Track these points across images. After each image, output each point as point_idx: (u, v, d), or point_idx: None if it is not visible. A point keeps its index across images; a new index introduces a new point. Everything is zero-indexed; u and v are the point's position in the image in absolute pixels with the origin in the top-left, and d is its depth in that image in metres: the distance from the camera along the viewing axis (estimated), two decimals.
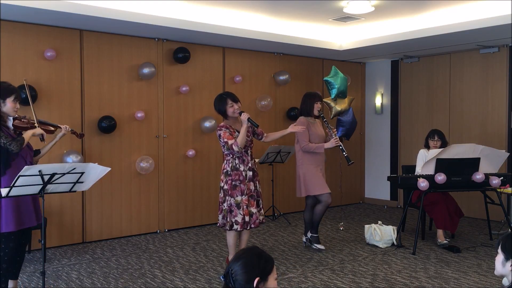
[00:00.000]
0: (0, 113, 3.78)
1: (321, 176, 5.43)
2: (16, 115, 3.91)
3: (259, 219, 4.67)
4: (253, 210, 4.60)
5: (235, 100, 4.61)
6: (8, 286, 3.96)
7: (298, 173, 5.47)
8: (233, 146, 4.47)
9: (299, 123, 5.40)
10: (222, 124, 4.65)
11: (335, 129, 5.43)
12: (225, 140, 4.50)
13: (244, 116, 4.49)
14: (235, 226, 4.55)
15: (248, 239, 4.82)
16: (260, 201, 4.72)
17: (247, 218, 4.55)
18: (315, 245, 5.55)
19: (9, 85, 3.85)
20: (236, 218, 4.55)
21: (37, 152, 4.11)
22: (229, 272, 2.09)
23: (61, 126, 4.13)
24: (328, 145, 5.32)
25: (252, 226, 4.60)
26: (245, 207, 4.54)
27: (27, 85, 4.28)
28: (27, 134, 3.83)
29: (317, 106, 5.44)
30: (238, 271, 2.07)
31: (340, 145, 5.31)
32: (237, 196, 4.54)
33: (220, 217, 4.64)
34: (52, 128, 4.12)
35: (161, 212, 6.48)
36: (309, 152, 5.38)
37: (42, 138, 3.95)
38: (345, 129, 7.16)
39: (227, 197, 4.58)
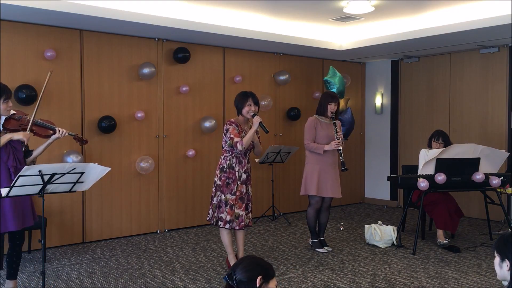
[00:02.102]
0: None
1: (328, 177, 5.35)
2: (13, 114, 3.80)
3: (245, 222, 4.65)
4: (240, 212, 4.60)
5: (256, 102, 4.64)
6: (8, 286, 3.96)
7: (304, 171, 5.49)
8: (238, 145, 4.47)
9: (307, 122, 5.45)
10: (232, 120, 4.66)
11: (340, 133, 5.41)
12: (232, 136, 4.51)
13: (257, 119, 4.52)
14: (219, 222, 4.59)
15: (244, 238, 4.82)
16: (250, 205, 4.71)
17: (228, 218, 4.55)
18: (317, 250, 5.52)
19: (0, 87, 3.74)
20: (221, 215, 4.58)
21: (29, 153, 3.95)
22: (232, 273, 2.15)
23: (56, 129, 3.90)
24: (327, 147, 5.30)
25: (236, 228, 4.59)
26: (229, 207, 4.55)
27: (49, 77, 3.91)
28: (3, 139, 3.66)
29: (330, 107, 5.39)
30: (241, 270, 2.14)
31: (339, 149, 5.29)
32: (227, 193, 4.57)
33: (210, 211, 4.69)
34: (51, 132, 3.92)
35: (161, 212, 6.48)
36: (314, 152, 5.38)
37: (23, 145, 3.76)
38: (345, 129, 7.19)
39: (218, 193, 4.62)
